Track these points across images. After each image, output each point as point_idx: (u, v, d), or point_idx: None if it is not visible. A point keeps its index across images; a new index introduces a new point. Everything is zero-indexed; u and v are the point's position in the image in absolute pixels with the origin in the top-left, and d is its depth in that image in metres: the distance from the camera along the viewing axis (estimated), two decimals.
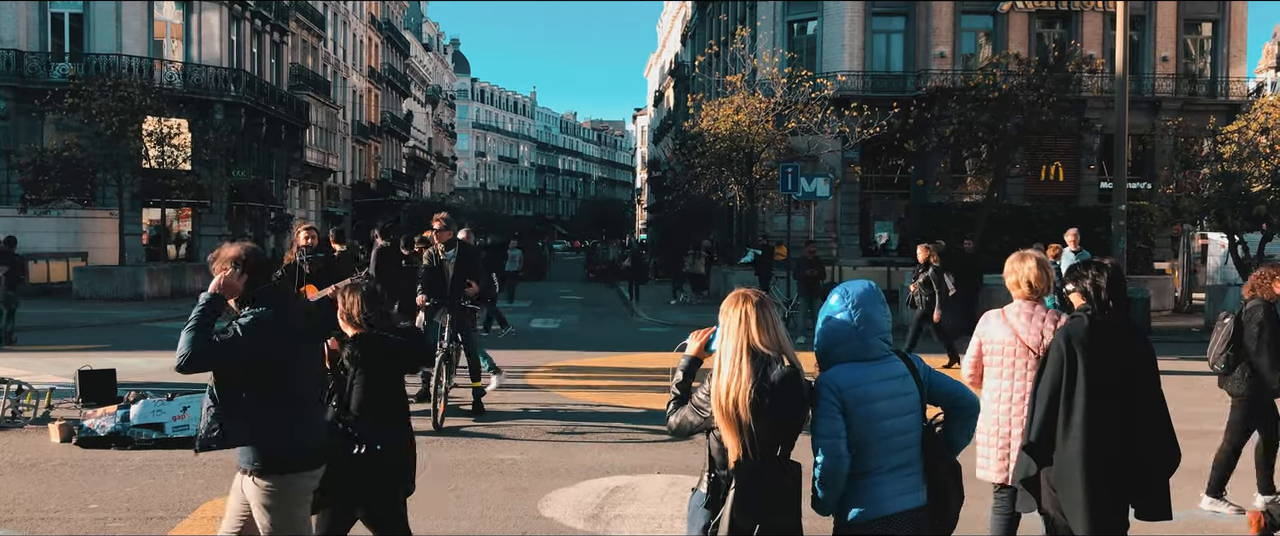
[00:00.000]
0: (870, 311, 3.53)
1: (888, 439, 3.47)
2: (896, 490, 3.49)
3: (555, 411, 10.59)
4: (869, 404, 3.44)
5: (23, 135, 33.19)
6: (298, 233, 10.34)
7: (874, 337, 3.52)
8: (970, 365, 5.40)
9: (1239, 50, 36.91)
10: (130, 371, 12.11)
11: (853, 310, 3.52)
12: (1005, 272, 5.31)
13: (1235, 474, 7.03)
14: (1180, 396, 11.18)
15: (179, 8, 36.76)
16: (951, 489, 3.59)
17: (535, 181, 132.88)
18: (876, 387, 3.47)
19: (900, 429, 3.50)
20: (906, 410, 3.52)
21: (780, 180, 23.25)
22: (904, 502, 3.48)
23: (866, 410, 3.43)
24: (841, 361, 3.50)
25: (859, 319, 3.51)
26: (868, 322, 3.51)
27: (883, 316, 3.57)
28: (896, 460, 3.49)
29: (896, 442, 3.49)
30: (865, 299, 3.54)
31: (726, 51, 36.11)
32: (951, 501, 3.59)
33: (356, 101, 60.06)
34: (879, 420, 3.45)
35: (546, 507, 6.83)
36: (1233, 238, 21.70)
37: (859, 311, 3.52)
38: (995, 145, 27.72)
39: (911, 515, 3.49)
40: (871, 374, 3.48)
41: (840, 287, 3.61)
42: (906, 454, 3.51)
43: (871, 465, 3.46)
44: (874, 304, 3.55)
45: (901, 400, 3.51)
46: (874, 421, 3.44)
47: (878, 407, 3.45)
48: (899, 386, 3.52)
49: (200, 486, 7.30)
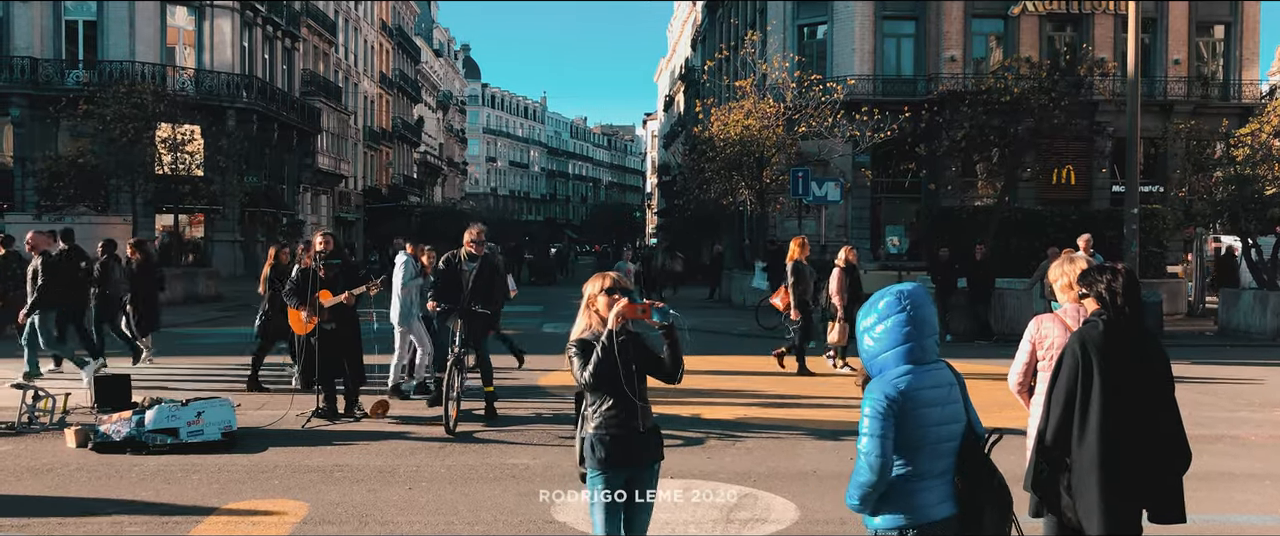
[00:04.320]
0: (925, 313, 3.54)
1: (936, 445, 3.51)
2: (939, 497, 3.53)
3: (567, 416, 10.59)
4: (924, 409, 3.47)
5: (37, 142, 33.45)
6: (314, 239, 10.39)
7: (929, 339, 3.53)
8: (1020, 372, 5.27)
9: (1252, 52, 36.74)
10: (145, 376, 12.16)
11: (907, 311, 3.51)
12: (1052, 275, 5.27)
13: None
14: (1195, 401, 11.16)
15: (191, 14, 36.99)
16: (985, 502, 3.57)
17: (546, 186, 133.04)
18: (931, 393, 3.50)
19: (947, 437, 3.54)
20: (953, 418, 3.56)
21: (791, 184, 23.28)
22: (944, 510, 3.53)
23: (921, 415, 3.46)
24: (898, 365, 3.50)
25: (913, 319, 3.50)
26: (924, 324, 3.52)
27: (934, 316, 3.59)
28: (940, 467, 3.53)
29: (943, 449, 3.53)
30: (917, 299, 3.53)
31: (736, 56, 36.11)
32: (984, 515, 3.57)
33: (368, 107, 60.27)
34: (930, 426, 3.48)
35: (559, 512, 6.85)
36: (1246, 241, 21.59)
37: (914, 311, 3.51)
38: (1006, 149, 27.63)
39: (949, 523, 3.53)
40: (927, 379, 3.51)
41: (891, 289, 3.59)
42: (947, 461, 3.55)
43: (919, 470, 3.49)
44: (927, 304, 3.56)
45: (950, 407, 3.55)
46: (926, 427, 3.47)
47: (931, 413, 3.48)
48: (948, 394, 3.55)
49: (215, 491, 7.33)
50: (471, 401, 10.51)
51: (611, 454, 4.33)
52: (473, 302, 9.92)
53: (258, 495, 7.26)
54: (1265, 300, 19.42)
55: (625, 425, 4.33)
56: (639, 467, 4.43)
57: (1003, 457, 8.24)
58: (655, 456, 4.54)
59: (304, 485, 7.52)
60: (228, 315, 24.01)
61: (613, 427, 4.33)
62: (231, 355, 14.77)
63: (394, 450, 8.78)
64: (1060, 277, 5.20)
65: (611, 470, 4.35)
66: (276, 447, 8.73)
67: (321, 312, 9.87)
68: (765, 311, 21.44)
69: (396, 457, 8.48)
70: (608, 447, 4.33)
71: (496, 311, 10.58)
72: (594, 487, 4.37)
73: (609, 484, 4.35)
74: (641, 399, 4.35)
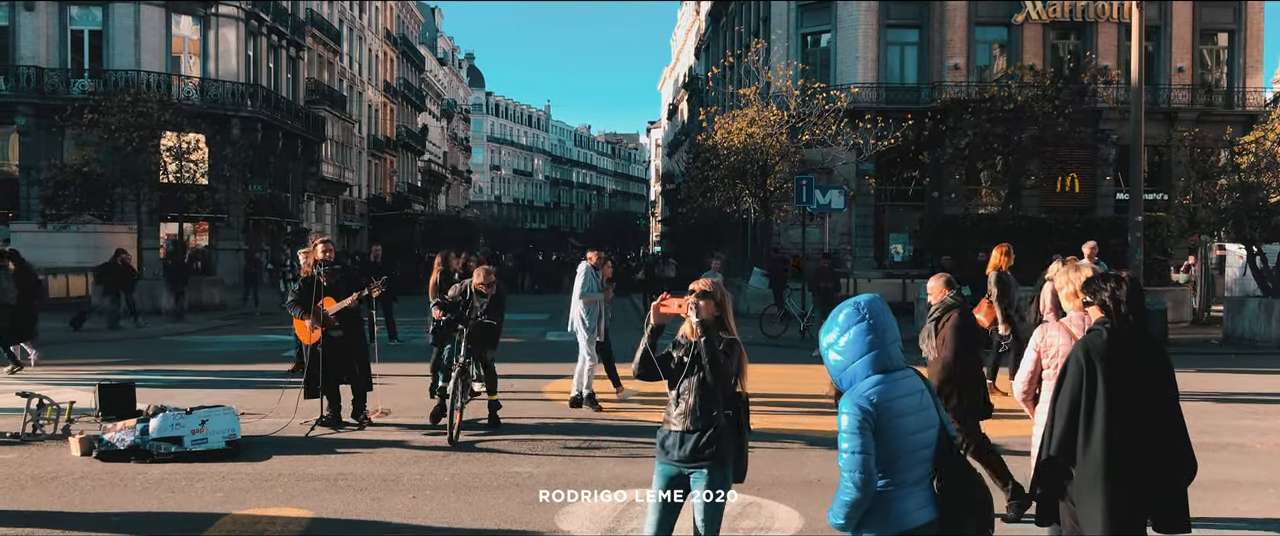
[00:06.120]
0: (885, 320, 3.57)
1: (913, 453, 3.50)
2: (918, 504, 3.52)
3: (571, 424, 10.60)
4: (899, 418, 3.47)
5: (43, 151, 33.56)
6: (314, 246, 10.38)
7: (892, 345, 3.55)
8: (1025, 380, 5.26)
9: (1256, 60, 36.72)
10: (149, 385, 12.17)
11: (867, 320, 3.54)
12: (1058, 284, 5.29)
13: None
14: (1199, 408, 11.12)
15: (196, 24, 37.11)
16: (965, 506, 3.57)
17: (549, 194, 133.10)
18: (904, 402, 3.50)
19: (923, 443, 3.54)
20: (927, 425, 3.56)
21: (795, 192, 23.25)
22: (922, 516, 3.51)
23: (897, 425, 3.46)
24: (867, 375, 3.51)
25: (873, 327, 3.53)
26: (885, 331, 3.55)
27: (894, 324, 3.61)
28: (917, 474, 3.52)
29: (919, 456, 3.53)
30: (875, 308, 3.58)
31: (740, 64, 36.17)
32: (965, 519, 3.57)
33: (372, 116, 60.39)
34: (907, 435, 3.48)
35: (563, 520, 6.84)
36: (1251, 248, 21.55)
37: (876, 320, 3.55)
38: (1010, 157, 27.65)
39: (927, 530, 3.51)
40: (898, 388, 3.51)
41: (848, 302, 3.63)
42: (924, 468, 3.55)
43: (898, 479, 3.49)
44: (885, 312, 3.60)
45: (923, 414, 3.55)
46: (903, 436, 3.47)
47: (906, 422, 3.49)
48: (920, 401, 3.56)
49: (219, 500, 7.34)
50: (474, 411, 10.52)
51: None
52: (481, 314, 9.99)
53: (261, 503, 7.26)
54: (1270, 308, 19.38)
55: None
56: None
57: (1007, 463, 8.20)
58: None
59: (308, 493, 7.52)
60: (232, 324, 24.06)
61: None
62: (235, 363, 14.79)
63: (398, 458, 8.78)
64: (1064, 285, 5.21)
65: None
66: (280, 455, 8.73)
67: (327, 320, 9.88)
68: (768, 319, 21.45)
69: (400, 466, 8.48)
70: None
71: (501, 322, 10.59)
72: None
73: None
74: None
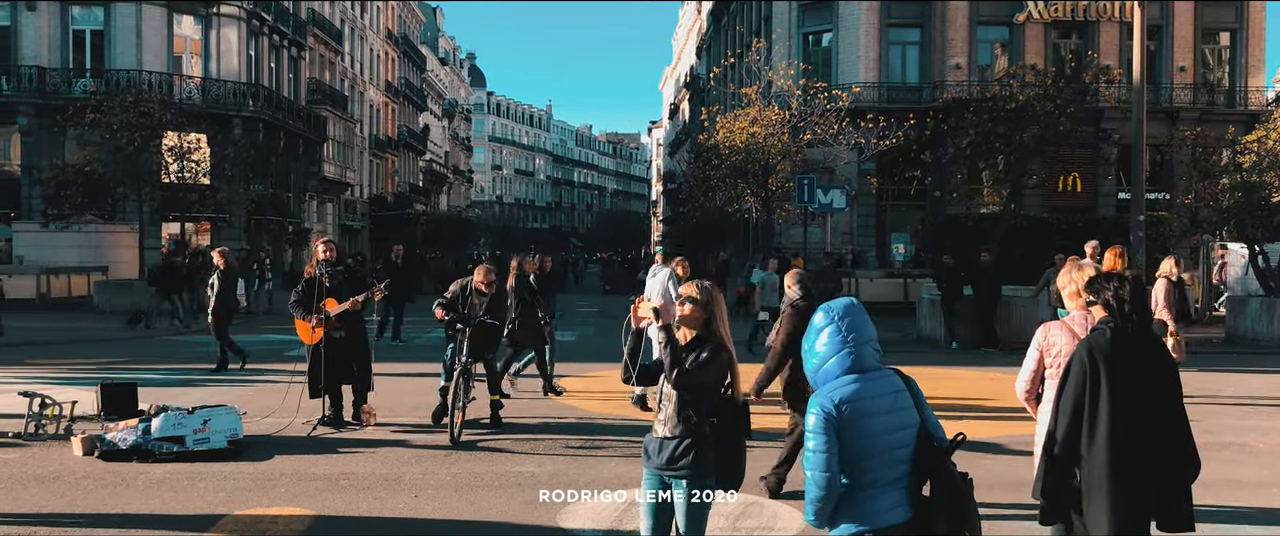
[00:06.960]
0: (858, 321, 3.61)
1: (886, 453, 3.52)
2: (892, 503, 3.54)
3: (573, 424, 10.60)
4: (868, 418, 3.49)
5: (45, 151, 33.57)
6: (315, 246, 10.38)
7: (866, 346, 3.58)
8: (1028, 380, 5.23)
9: (1258, 59, 36.70)
10: (151, 385, 12.17)
11: (839, 322, 3.60)
12: (1061, 283, 5.28)
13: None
14: (1202, 408, 11.11)
15: (198, 23, 37.12)
16: (940, 506, 3.56)
17: (551, 194, 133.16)
18: (876, 402, 3.52)
19: (898, 443, 3.55)
20: (903, 425, 3.58)
21: (796, 192, 23.28)
22: (897, 515, 3.54)
23: (864, 425, 3.48)
24: (839, 376, 3.55)
25: (847, 328, 3.58)
26: (858, 331, 3.59)
27: (869, 325, 3.64)
28: (892, 474, 3.54)
29: (895, 456, 3.54)
30: (849, 311, 3.63)
31: (742, 63, 36.17)
32: (938, 519, 3.56)
33: (373, 116, 60.40)
34: (877, 434, 3.50)
35: (565, 519, 6.84)
36: (1253, 248, 21.54)
37: (846, 321, 3.59)
38: (1012, 156, 27.62)
39: (902, 529, 3.54)
40: (870, 388, 3.53)
41: (822, 307, 3.68)
42: (901, 468, 3.57)
43: (869, 479, 3.51)
44: (859, 314, 3.64)
45: (899, 414, 3.57)
46: (873, 436, 3.49)
47: (877, 422, 3.50)
48: (895, 401, 3.57)
49: (221, 499, 7.34)
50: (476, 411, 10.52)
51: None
52: (482, 314, 9.99)
53: (264, 503, 7.26)
54: (1272, 308, 19.37)
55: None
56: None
57: (1009, 464, 8.21)
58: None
59: (310, 493, 7.52)
60: (233, 324, 23.98)
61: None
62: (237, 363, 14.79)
63: (399, 458, 8.78)
64: (1068, 285, 5.20)
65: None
66: (282, 455, 8.73)
67: (329, 320, 9.89)
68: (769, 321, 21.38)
69: (402, 465, 8.48)
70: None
71: (504, 323, 10.59)
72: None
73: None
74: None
